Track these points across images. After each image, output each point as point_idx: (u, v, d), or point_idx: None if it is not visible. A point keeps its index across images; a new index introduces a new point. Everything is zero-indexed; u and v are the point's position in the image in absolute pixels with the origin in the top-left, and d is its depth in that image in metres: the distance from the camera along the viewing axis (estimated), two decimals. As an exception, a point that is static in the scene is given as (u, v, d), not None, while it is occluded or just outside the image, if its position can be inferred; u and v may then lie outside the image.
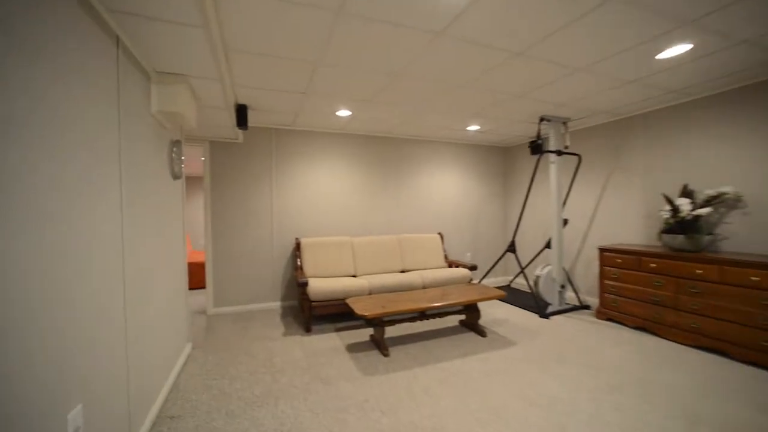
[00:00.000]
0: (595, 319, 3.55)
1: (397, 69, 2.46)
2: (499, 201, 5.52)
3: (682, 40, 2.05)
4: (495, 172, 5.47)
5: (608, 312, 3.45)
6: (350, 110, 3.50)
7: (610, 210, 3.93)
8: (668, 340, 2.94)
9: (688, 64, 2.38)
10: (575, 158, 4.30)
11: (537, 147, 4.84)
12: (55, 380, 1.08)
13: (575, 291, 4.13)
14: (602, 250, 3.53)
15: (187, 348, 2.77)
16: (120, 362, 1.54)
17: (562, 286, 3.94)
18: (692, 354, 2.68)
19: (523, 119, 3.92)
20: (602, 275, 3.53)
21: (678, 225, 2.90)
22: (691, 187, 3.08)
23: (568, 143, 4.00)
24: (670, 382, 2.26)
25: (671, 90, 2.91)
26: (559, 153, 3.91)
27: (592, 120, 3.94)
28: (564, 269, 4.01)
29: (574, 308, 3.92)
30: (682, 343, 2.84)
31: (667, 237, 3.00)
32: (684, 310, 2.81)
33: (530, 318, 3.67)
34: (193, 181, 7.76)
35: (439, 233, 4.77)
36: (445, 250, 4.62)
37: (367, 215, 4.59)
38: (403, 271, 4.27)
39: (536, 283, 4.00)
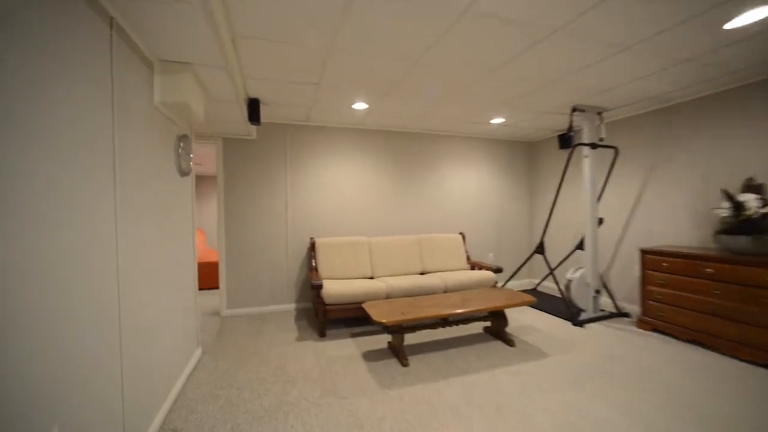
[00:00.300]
0: (637, 329, 3.20)
1: (415, 54, 2.24)
2: (524, 199, 5.18)
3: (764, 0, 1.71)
4: (519, 168, 5.14)
5: (653, 322, 3.09)
6: (366, 103, 3.30)
7: (651, 208, 3.56)
8: (729, 356, 2.57)
9: (764, 33, 2.02)
10: (610, 152, 3.94)
11: (567, 140, 4.49)
12: (25, 398, 0.93)
13: (611, 296, 3.77)
14: (645, 252, 3.18)
15: (197, 353, 2.65)
16: (113, 371, 1.40)
17: (597, 291, 3.60)
18: (760, 373, 2.32)
19: (553, 110, 3.61)
20: (645, 280, 3.18)
21: (740, 224, 2.53)
22: (759, 180, 2.67)
23: (603, 135, 3.65)
24: (733, 407, 1.93)
25: (733, 70, 2.53)
26: (593, 146, 3.57)
27: (631, 109, 3.57)
28: (598, 272, 3.66)
29: (610, 315, 3.57)
30: (746, 361, 2.47)
31: (725, 238, 2.63)
32: (749, 323, 2.44)
33: (562, 325, 3.36)
34: (211, 180, 7.80)
35: (461, 233, 4.50)
36: (467, 251, 4.35)
37: (385, 214, 4.38)
38: (422, 273, 4.03)
39: (567, 287, 3.68)
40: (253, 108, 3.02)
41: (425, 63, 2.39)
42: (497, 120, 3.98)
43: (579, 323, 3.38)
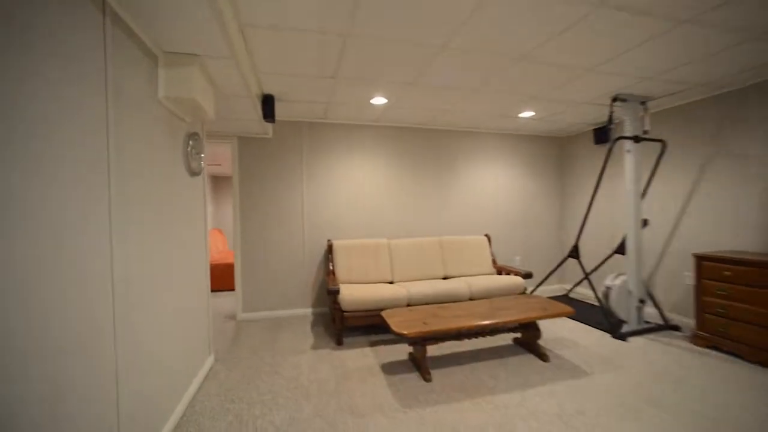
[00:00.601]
0: (691, 346, 2.83)
1: (438, 39, 2.02)
2: (554, 198, 4.82)
3: None
4: (549, 166, 4.78)
5: (712, 338, 2.72)
6: (386, 97, 3.10)
7: (705, 208, 3.16)
8: (809, 381, 2.19)
9: None
10: (655, 146, 3.55)
11: (604, 134, 4.13)
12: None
13: (657, 307, 3.39)
14: (700, 259, 2.80)
15: (209, 360, 2.54)
16: (106, 378, 1.27)
17: (641, 301, 3.24)
18: None
19: (590, 100, 3.28)
20: (700, 290, 2.80)
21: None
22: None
23: (647, 127, 3.29)
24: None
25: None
26: (636, 139, 3.22)
27: (681, 97, 3.19)
28: (642, 279, 3.30)
29: (657, 328, 3.20)
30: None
31: (806, 243, 2.25)
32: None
33: (601, 338, 3.03)
34: (230, 181, 7.85)
35: (486, 235, 4.22)
36: (492, 254, 4.07)
37: (406, 215, 4.17)
38: (445, 278, 3.80)
39: (607, 295, 3.33)
40: (268, 105, 2.89)
41: (451, 48, 2.17)
42: (526, 114, 3.68)
43: (621, 336, 3.04)
